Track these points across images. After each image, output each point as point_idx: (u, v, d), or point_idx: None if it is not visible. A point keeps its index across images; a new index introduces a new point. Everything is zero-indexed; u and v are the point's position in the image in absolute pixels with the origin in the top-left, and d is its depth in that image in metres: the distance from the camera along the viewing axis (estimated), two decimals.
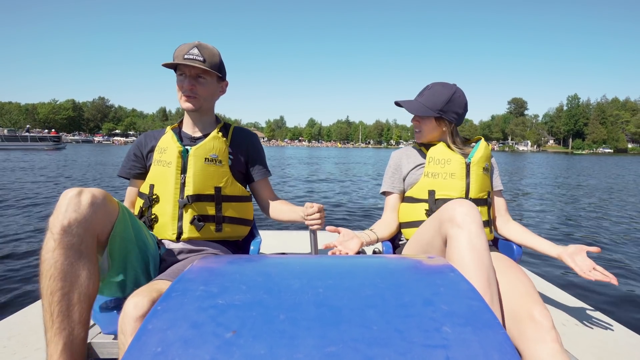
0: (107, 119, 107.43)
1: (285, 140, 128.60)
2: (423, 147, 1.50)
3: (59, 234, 0.87)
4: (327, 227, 1.28)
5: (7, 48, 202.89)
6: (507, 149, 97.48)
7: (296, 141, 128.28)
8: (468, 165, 1.39)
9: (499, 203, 1.50)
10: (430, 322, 0.48)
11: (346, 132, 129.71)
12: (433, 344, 0.44)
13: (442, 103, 1.39)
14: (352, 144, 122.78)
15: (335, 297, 0.54)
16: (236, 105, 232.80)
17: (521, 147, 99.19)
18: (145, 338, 0.45)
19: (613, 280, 1.11)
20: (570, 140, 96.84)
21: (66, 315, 0.87)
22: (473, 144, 1.50)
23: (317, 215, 1.31)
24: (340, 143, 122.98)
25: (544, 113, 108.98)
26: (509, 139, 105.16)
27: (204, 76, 1.31)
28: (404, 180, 1.50)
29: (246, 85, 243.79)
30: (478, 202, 1.39)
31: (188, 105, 1.31)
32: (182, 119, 1.44)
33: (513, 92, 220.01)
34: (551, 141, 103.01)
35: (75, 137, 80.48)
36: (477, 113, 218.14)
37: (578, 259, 1.20)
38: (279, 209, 1.46)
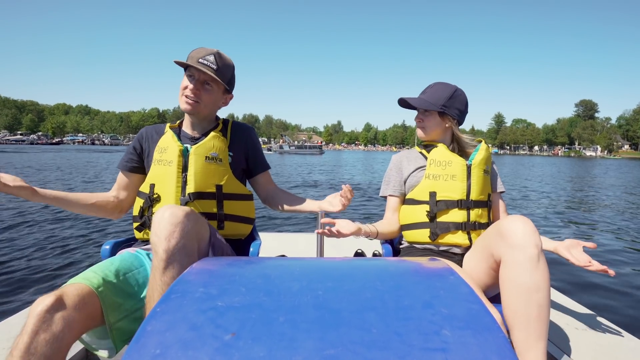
0: None
1: (342, 144, 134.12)
2: (424, 150, 1.51)
3: None
4: (322, 220, 1.32)
5: (104, 60, 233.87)
6: (572, 154, 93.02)
7: (352, 145, 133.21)
8: (469, 167, 1.40)
9: (500, 205, 1.52)
10: (429, 325, 0.48)
11: (402, 137, 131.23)
12: (432, 347, 0.44)
13: (444, 99, 1.44)
14: (408, 148, 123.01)
15: (334, 299, 0.54)
16: (296, 110, 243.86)
17: (589, 153, 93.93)
18: (144, 340, 0.44)
19: (609, 271, 1.11)
20: None
21: None
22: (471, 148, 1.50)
23: (349, 195, 1.34)
24: (395, 147, 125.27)
25: (617, 116, 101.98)
26: (576, 143, 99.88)
27: (211, 84, 1.31)
28: (404, 182, 1.51)
29: (306, 89, 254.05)
30: (478, 204, 1.39)
31: (187, 107, 1.31)
32: (182, 120, 1.45)
33: (582, 94, 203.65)
34: (626, 146, 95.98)
35: None
36: (541, 116, 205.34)
37: (575, 251, 1.19)
38: (289, 200, 1.50)
